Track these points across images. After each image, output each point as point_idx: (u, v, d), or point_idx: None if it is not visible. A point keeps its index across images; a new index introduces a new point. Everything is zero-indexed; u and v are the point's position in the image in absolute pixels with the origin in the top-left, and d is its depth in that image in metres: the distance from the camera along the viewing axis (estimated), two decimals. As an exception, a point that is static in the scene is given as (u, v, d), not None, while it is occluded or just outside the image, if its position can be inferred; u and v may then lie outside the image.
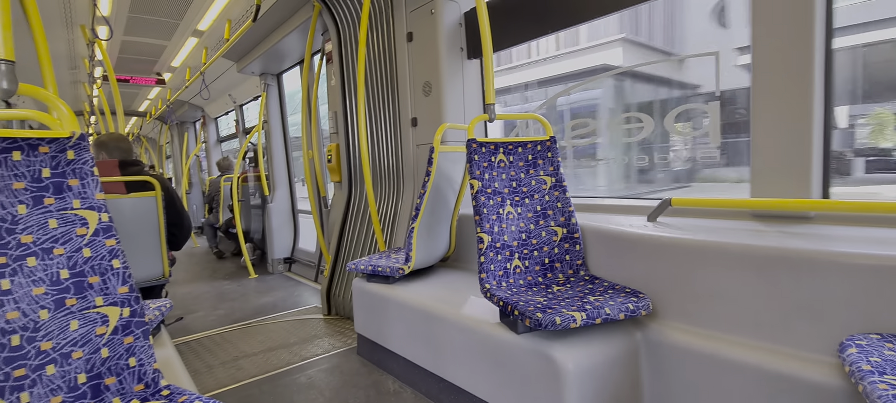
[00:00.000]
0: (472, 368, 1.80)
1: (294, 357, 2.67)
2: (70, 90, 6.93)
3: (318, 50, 3.93)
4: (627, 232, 1.74)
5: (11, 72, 0.99)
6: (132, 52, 5.26)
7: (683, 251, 1.55)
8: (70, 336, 0.99)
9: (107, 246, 1.06)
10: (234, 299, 4.14)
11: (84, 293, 1.02)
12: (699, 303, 1.52)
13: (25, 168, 1.00)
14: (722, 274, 1.46)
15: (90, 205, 1.06)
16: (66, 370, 0.97)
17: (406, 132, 2.95)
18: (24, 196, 0.99)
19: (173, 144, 10.09)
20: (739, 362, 1.36)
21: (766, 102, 1.58)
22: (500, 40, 2.53)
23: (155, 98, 8.16)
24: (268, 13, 3.68)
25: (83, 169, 1.07)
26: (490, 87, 2.05)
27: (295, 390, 2.26)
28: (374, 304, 2.39)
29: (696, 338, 1.49)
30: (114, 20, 4.19)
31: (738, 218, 1.74)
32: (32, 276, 0.97)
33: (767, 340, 1.37)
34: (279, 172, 5.42)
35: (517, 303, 1.54)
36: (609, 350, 1.54)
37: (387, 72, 3.03)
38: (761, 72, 1.59)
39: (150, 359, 1.08)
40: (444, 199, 2.41)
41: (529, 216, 1.96)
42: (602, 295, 1.64)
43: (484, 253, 1.79)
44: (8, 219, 0.97)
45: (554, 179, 2.02)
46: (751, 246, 1.40)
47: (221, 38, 4.61)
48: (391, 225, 3.06)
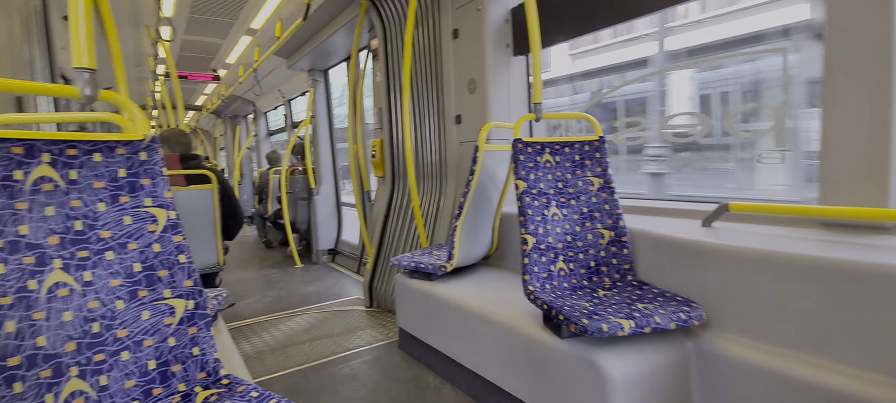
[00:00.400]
0: (513, 369, 1.79)
1: (338, 347, 2.76)
2: (135, 86, 7.42)
3: (365, 46, 4.00)
4: (680, 237, 1.67)
5: (93, 79, 1.07)
6: (191, 50, 5.56)
7: (742, 259, 1.47)
8: (142, 326, 1.07)
9: (174, 242, 1.14)
10: (282, 287, 4.32)
11: (154, 285, 1.10)
12: (758, 316, 1.44)
13: (104, 168, 1.08)
14: (785, 286, 1.37)
15: (160, 204, 1.14)
16: (138, 356, 1.05)
17: (450, 129, 2.96)
18: (103, 194, 1.08)
19: (226, 137, 10.60)
20: (801, 380, 1.28)
21: (840, 99, 1.46)
22: (548, 36, 2.47)
23: (210, 93, 8.61)
24: (317, 11, 3.79)
25: (154, 169, 1.15)
26: (538, 86, 2.01)
27: (339, 380, 2.34)
28: (417, 300, 2.43)
29: (753, 352, 1.41)
30: (175, 20, 4.44)
31: (803, 226, 1.62)
32: (110, 269, 1.05)
33: (833, 359, 1.28)
34: (325, 166, 5.58)
35: (562, 308, 1.52)
36: (657, 359, 1.49)
37: (432, 68, 3.04)
38: (835, 65, 1.47)
39: (211, 349, 1.15)
40: (487, 198, 2.40)
41: (575, 217, 1.92)
42: (651, 302, 1.58)
43: (528, 254, 1.77)
44: (90, 216, 1.05)
45: (602, 180, 1.97)
46: (820, 257, 1.30)
47: (273, 35, 4.79)
48: (433, 221, 3.09)
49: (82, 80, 1.07)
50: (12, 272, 0.94)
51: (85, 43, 1.05)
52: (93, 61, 1.07)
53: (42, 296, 0.97)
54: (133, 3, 4.02)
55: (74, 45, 1.05)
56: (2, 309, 0.91)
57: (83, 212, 1.05)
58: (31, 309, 0.95)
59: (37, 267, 0.97)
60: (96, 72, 1.07)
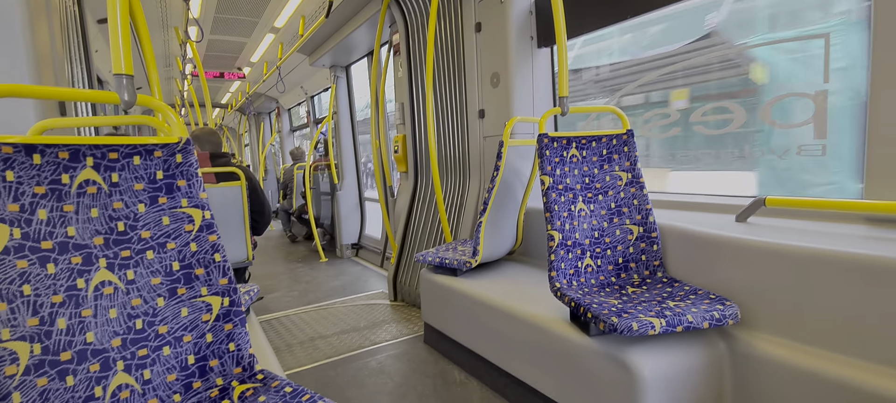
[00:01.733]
0: (539, 366, 1.78)
1: (364, 341, 2.80)
2: (165, 86, 7.64)
3: (386, 42, 4.01)
4: (714, 234, 1.63)
5: (131, 84, 1.11)
6: (217, 49, 5.68)
7: (780, 257, 1.42)
8: (181, 322, 1.11)
9: (209, 241, 1.17)
10: (308, 281, 4.40)
11: (192, 283, 1.13)
12: (797, 315, 1.39)
13: (144, 171, 1.12)
14: (826, 285, 1.32)
15: (195, 204, 1.17)
16: (178, 351, 1.09)
17: (473, 124, 2.95)
18: (143, 196, 1.11)
19: (251, 133, 10.83)
20: (841, 382, 1.24)
21: (888, 85, 1.39)
22: (573, 28, 2.43)
23: (235, 91, 8.79)
24: (339, 8, 3.81)
25: (189, 170, 1.18)
26: (564, 79, 1.98)
27: (366, 373, 2.37)
28: (442, 296, 2.44)
29: (791, 353, 1.37)
30: (202, 20, 4.54)
31: (846, 222, 1.56)
32: (151, 267, 1.09)
33: (875, 360, 1.23)
34: (347, 161, 5.65)
35: (590, 305, 1.50)
36: (689, 358, 1.46)
37: (454, 63, 3.03)
38: (884, 47, 1.39)
39: (246, 345, 1.18)
40: (512, 193, 2.39)
41: (603, 213, 1.89)
42: (683, 300, 1.55)
43: (554, 251, 1.76)
44: (131, 217, 1.09)
45: (630, 175, 1.93)
46: (863, 255, 1.25)
47: (296, 33, 4.85)
48: (457, 216, 3.09)
49: (121, 86, 1.11)
50: (62, 271, 0.98)
51: (123, 50, 1.08)
52: (130, 67, 1.10)
53: (89, 294, 1.01)
54: (162, 6, 4.13)
55: (114, 52, 1.08)
56: (54, 307, 0.96)
57: (125, 213, 1.09)
58: (80, 306, 0.99)
59: (84, 267, 1.01)
60: (133, 78, 1.10)
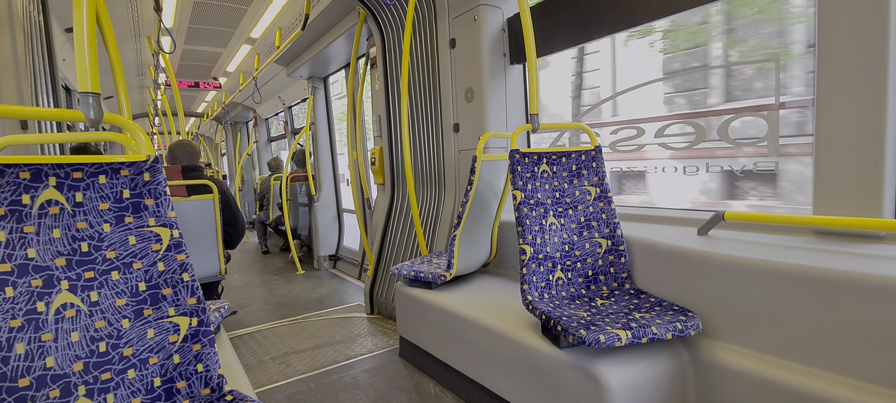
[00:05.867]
0: (511, 378, 1.81)
1: (339, 355, 2.78)
2: (137, 95, 7.46)
3: (363, 54, 4.03)
4: (677, 246, 1.69)
5: (98, 102, 1.10)
6: (192, 58, 5.60)
7: (738, 268, 1.49)
8: (147, 344, 1.09)
9: (178, 260, 1.16)
10: (284, 294, 4.34)
11: (159, 304, 1.12)
12: (754, 325, 1.46)
13: (109, 190, 1.11)
14: (780, 295, 1.39)
15: (163, 223, 1.16)
16: (144, 374, 1.07)
17: (448, 137, 2.98)
18: (109, 216, 1.10)
19: (228, 143, 10.65)
20: (797, 389, 1.30)
21: (832, 109, 1.48)
22: (544, 46, 2.50)
23: (211, 100, 8.65)
24: (316, 20, 3.82)
25: (157, 189, 1.17)
26: (534, 96, 2.03)
27: (340, 389, 2.36)
28: (417, 309, 2.45)
29: (750, 361, 1.43)
30: (176, 30, 4.47)
31: (797, 235, 1.64)
32: (116, 289, 1.08)
33: (829, 368, 1.30)
34: (325, 172, 5.61)
35: (560, 318, 1.54)
36: (654, 369, 1.51)
37: (430, 77, 3.07)
38: (827, 74, 1.49)
39: (215, 365, 1.17)
40: (485, 206, 2.43)
41: (573, 227, 1.94)
42: (648, 311, 1.60)
43: (526, 264, 1.79)
44: (96, 237, 1.08)
45: (599, 190, 1.99)
46: (814, 267, 1.32)
47: (272, 44, 4.82)
48: (433, 228, 3.11)
49: (87, 105, 1.09)
50: (21, 295, 0.96)
51: (90, 67, 1.07)
52: (97, 85, 1.09)
53: (50, 317, 0.99)
54: (135, 15, 4.06)
55: (79, 69, 1.07)
56: (12, 332, 0.94)
57: (89, 234, 1.07)
58: (40, 330, 0.97)
59: (45, 289, 0.99)
60: (100, 96, 1.10)
